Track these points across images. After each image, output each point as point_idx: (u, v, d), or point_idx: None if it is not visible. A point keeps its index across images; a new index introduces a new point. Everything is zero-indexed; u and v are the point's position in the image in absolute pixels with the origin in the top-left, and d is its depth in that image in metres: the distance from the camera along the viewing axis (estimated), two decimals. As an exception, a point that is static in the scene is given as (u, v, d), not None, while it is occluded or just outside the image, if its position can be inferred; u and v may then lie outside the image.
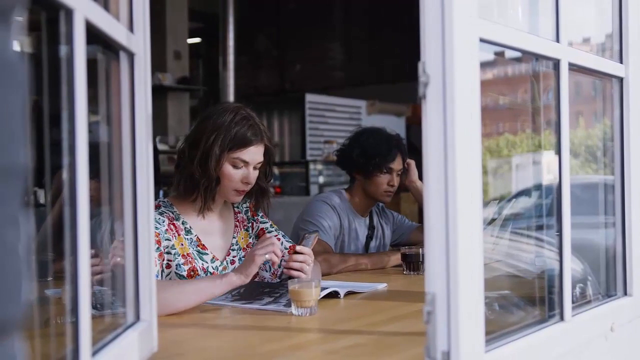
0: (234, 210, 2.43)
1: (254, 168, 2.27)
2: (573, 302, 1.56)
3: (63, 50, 1.03)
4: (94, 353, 1.11)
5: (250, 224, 2.45)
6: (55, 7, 0.99)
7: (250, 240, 2.42)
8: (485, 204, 1.28)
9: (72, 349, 1.02)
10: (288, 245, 2.42)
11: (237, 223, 2.41)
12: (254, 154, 2.25)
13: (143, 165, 1.39)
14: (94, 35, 1.13)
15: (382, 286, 2.39)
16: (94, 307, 1.15)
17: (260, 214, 2.49)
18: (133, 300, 1.38)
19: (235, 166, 2.22)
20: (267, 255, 2.00)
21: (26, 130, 0.59)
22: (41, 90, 1.03)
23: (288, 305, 1.93)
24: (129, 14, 1.37)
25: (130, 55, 1.36)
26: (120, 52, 1.33)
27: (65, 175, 1.03)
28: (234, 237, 2.38)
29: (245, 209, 2.46)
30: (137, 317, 1.38)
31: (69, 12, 1.01)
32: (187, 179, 2.23)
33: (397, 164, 3.05)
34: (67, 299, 1.39)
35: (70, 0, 0.99)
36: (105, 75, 1.34)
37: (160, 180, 2.80)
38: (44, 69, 1.05)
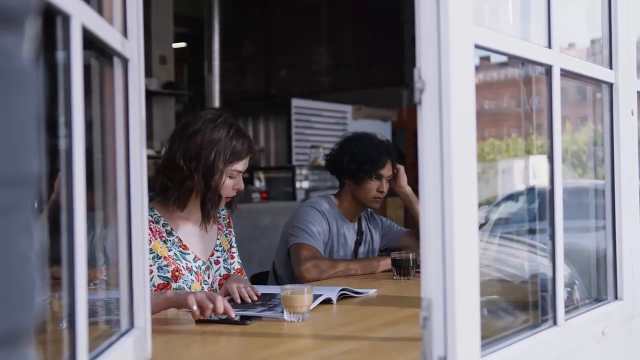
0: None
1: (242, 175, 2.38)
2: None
3: (59, 55, 1.03)
4: (90, 361, 1.10)
5: (228, 231, 2.54)
6: (52, 12, 0.98)
7: (228, 245, 2.51)
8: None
9: (68, 356, 1.02)
10: (237, 266, 2.51)
11: (220, 226, 2.50)
12: (246, 163, 2.37)
13: (137, 171, 1.38)
14: (89, 41, 1.12)
15: (372, 292, 2.39)
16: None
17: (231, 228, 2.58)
18: (127, 308, 1.37)
19: (231, 177, 2.32)
20: (194, 308, 1.83)
21: (39, 139, 0.59)
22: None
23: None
24: (122, 19, 1.36)
25: (125, 61, 1.35)
26: (114, 57, 1.33)
27: (62, 181, 1.02)
28: (217, 239, 2.45)
29: (223, 217, 2.54)
30: (132, 325, 1.38)
31: (66, 18, 1.00)
32: (187, 192, 2.29)
33: (387, 171, 3.05)
34: (57, 306, 1.38)
35: (68, 6, 0.99)
36: (99, 80, 1.34)
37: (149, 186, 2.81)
38: (39, 74, 1.05)
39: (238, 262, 2.54)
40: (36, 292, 0.58)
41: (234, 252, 2.54)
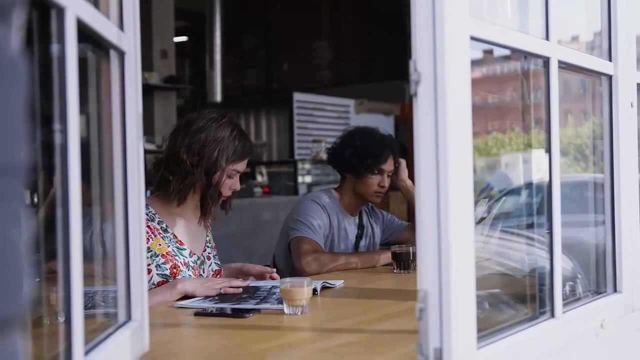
0: None
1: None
2: (563, 299, 1.57)
3: (54, 48, 1.03)
4: (86, 352, 1.10)
5: (211, 230, 2.58)
6: (46, 5, 0.98)
7: (214, 242, 2.56)
8: (475, 202, 1.29)
9: (64, 349, 1.02)
10: (215, 267, 2.51)
11: (208, 225, 2.54)
12: (245, 164, 2.41)
13: (134, 166, 1.38)
14: (84, 34, 1.12)
15: (339, 283, 2.41)
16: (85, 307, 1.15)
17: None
18: (124, 300, 1.37)
19: (229, 176, 2.35)
20: (221, 290, 2.15)
21: (27, 129, 0.59)
22: (31, 89, 1.02)
23: (280, 302, 1.93)
24: (119, 12, 1.36)
25: (121, 54, 1.35)
26: (110, 50, 1.33)
27: (56, 175, 1.02)
28: (207, 236, 2.51)
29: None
30: (129, 317, 1.38)
31: (61, 11, 1.00)
32: (188, 187, 2.31)
33: (388, 166, 3.05)
34: (55, 299, 1.38)
35: (62, -1, 0.99)
36: (96, 74, 1.34)
37: (148, 180, 2.83)
38: (33, 67, 1.05)
39: (216, 263, 2.55)
40: (25, 280, 0.58)
41: (209, 255, 2.55)
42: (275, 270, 2.51)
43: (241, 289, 2.18)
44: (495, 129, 2.06)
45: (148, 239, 2.24)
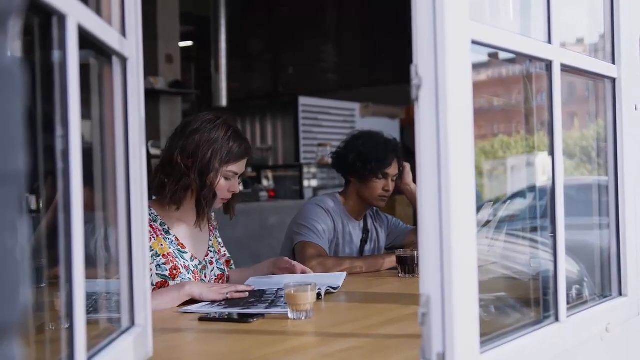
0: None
1: (239, 177, 2.41)
2: (569, 303, 1.56)
3: (56, 55, 1.03)
4: (89, 358, 1.11)
5: (217, 234, 2.58)
6: (48, 12, 0.99)
7: (219, 246, 2.56)
8: (480, 205, 1.29)
9: (67, 355, 1.02)
10: (218, 272, 2.51)
11: (211, 228, 2.54)
12: (244, 165, 2.40)
13: (137, 171, 1.38)
14: (86, 40, 1.13)
15: (342, 276, 2.44)
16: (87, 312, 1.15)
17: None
18: (128, 305, 1.37)
19: (226, 178, 2.35)
20: (228, 295, 2.15)
21: (24, 136, 0.60)
22: (33, 96, 1.03)
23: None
24: (121, 18, 1.37)
25: (123, 60, 1.36)
26: (112, 57, 1.33)
27: (59, 181, 1.03)
28: (210, 240, 2.50)
29: (212, 219, 2.59)
30: (132, 322, 1.38)
31: (62, 18, 1.00)
32: (183, 190, 2.32)
33: (392, 170, 3.05)
34: (59, 305, 1.39)
35: (63, 6, 0.99)
36: (98, 80, 1.34)
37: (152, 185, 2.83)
38: (36, 74, 1.05)
39: (219, 267, 2.54)
40: (21, 288, 0.58)
41: (225, 250, 2.58)
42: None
43: (247, 294, 2.19)
44: (501, 132, 2.06)
45: (150, 238, 2.24)
